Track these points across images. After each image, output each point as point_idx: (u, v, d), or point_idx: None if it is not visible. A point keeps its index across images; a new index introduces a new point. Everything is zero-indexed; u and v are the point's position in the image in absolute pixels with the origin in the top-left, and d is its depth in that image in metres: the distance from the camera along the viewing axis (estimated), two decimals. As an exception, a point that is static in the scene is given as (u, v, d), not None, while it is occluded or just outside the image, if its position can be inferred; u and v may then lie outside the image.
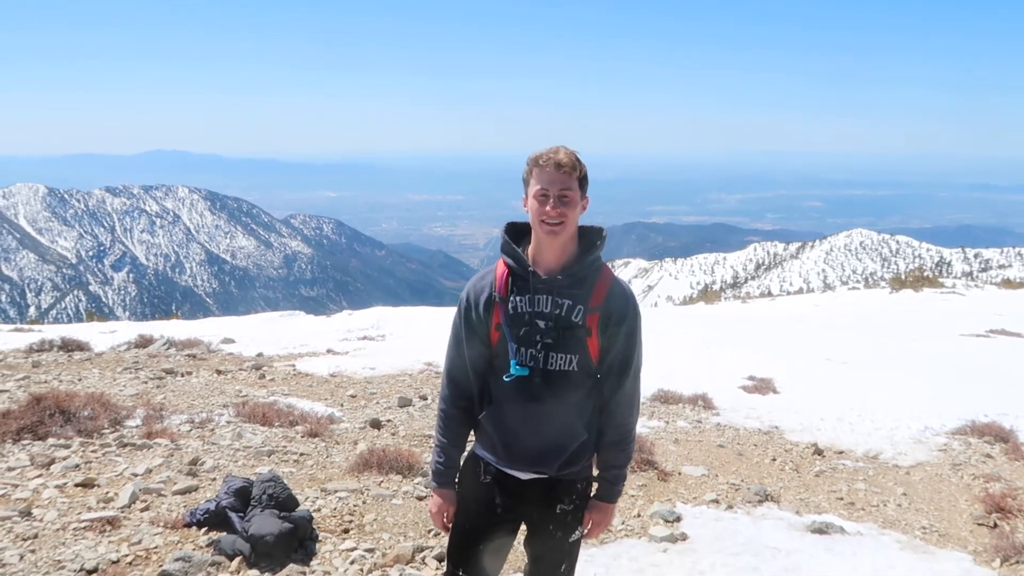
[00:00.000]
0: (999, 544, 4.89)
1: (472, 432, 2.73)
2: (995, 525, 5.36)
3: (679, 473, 6.18)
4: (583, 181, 2.46)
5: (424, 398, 8.14)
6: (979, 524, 5.42)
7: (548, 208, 2.40)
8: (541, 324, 2.48)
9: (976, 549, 4.99)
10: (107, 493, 4.65)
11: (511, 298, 2.51)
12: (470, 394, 2.63)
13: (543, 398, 2.50)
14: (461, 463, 2.75)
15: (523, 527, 2.77)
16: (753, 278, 74.68)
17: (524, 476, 2.59)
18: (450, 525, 2.71)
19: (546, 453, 2.55)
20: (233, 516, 4.24)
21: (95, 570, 3.75)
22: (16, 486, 4.68)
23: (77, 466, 5.05)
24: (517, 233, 2.59)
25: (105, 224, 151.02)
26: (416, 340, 12.25)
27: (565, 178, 2.40)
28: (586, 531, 2.71)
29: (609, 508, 2.69)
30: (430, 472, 2.75)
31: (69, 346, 10.30)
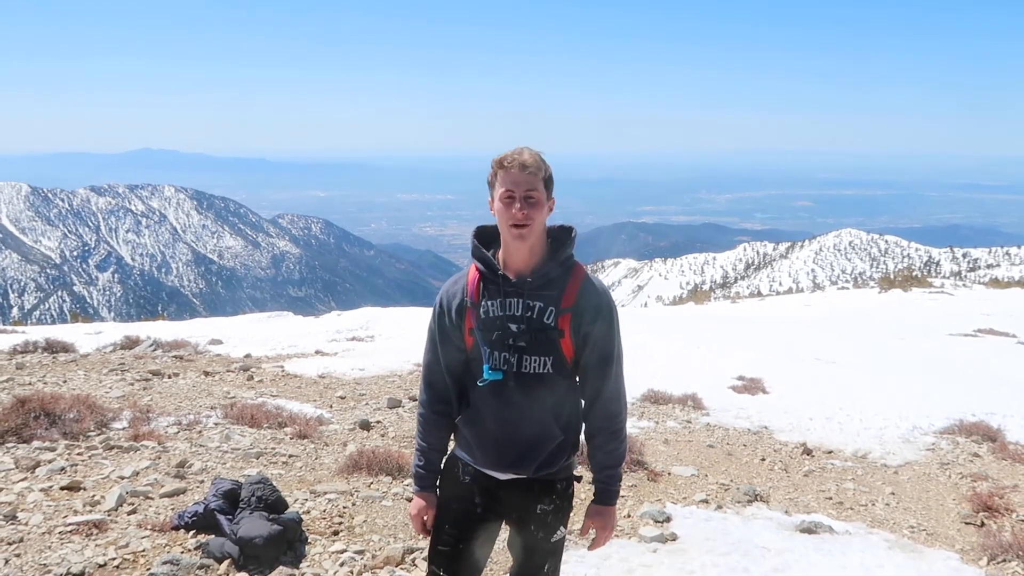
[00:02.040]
0: (986, 543, 4.92)
1: (452, 434, 2.74)
2: (982, 524, 5.40)
3: (669, 473, 6.19)
4: (548, 182, 2.45)
5: (413, 399, 8.10)
6: (967, 523, 5.45)
7: (515, 210, 2.39)
8: (513, 327, 2.47)
9: (964, 548, 5.02)
10: (93, 496, 4.60)
11: (483, 302, 2.51)
12: (448, 397, 2.63)
13: (518, 401, 2.49)
14: (442, 466, 2.74)
15: (506, 528, 2.77)
16: (743, 278, 75.01)
17: (503, 476, 2.59)
18: (430, 527, 2.70)
19: (523, 455, 2.54)
20: (222, 518, 4.21)
21: (82, 574, 3.70)
22: (0, 489, 4.62)
23: (63, 469, 5.00)
24: (487, 237, 2.59)
25: (90, 224, 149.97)
26: (405, 341, 12.22)
27: (530, 179, 2.39)
28: (592, 539, 2.70)
29: (610, 511, 2.67)
30: (412, 476, 2.74)
31: (54, 347, 10.21)
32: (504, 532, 2.80)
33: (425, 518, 2.70)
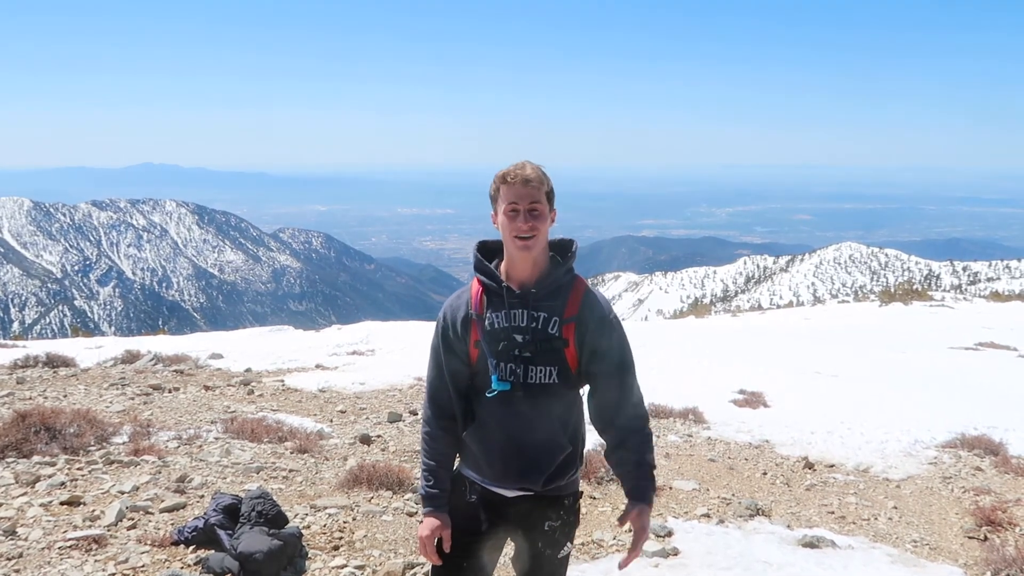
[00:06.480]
0: (989, 557, 4.90)
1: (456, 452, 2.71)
2: (985, 538, 5.38)
3: (670, 487, 6.17)
4: (550, 195, 2.51)
5: (414, 413, 8.10)
6: (969, 537, 5.43)
7: (519, 223, 2.44)
8: (519, 338, 2.50)
9: (967, 562, 5.00)
10: (93, 511, 4.59)
11: (487, 314, 2.53)
12: (452, 413, 2.62)
13: (525, 412, 2.51)
14: (450, 484, 2.70)
15: (509, 545, 2.76)
16: (743, 291, 75.05)
17: (510, 494, 2.59)
18: (447, 549, 2.61)
19: (532, 468, 2.54)
20: (222, 533, 4.20)
21: (80, 590, 3.70)
22: (0, 504, 4.61)
23: (63, 484, 5.00)
24: (488, 251, 2.63)
25: (91, 238, 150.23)
26: (406, 355, 12.21)
27: (534, 192, 2.45)
28: (628, 550, 2.64)
29: (648, 510, 2.60)
30: (420, 497, 2.69)
31: (54, 362, 10.21)
32: (508, 547, 2.80)
33: (441, 537, 2.61)
